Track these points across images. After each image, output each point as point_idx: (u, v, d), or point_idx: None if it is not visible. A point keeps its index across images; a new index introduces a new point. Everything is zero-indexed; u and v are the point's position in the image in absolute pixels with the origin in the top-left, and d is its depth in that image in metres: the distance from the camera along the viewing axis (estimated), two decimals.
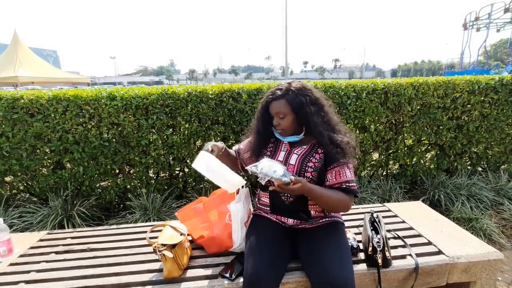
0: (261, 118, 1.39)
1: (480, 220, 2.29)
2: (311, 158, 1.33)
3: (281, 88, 1.32)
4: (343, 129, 1.36)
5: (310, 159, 1.32)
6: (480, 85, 2.74)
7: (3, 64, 8.49)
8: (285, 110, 1.29)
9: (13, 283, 1.30)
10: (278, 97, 1.30)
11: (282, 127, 1.33)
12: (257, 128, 1.43)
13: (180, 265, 1.29)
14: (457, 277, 1.41)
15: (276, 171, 1.15)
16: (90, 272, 1.35)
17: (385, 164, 2.96)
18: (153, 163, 2.53)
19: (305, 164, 1.32)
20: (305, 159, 1.33)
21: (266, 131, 1.42)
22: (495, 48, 49.36)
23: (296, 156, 1.35)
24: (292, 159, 1.35)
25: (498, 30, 23.66)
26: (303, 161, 1.33)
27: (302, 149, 1.36)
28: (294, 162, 1.34)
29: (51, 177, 2.43)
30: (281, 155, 1.39)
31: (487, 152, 3.03)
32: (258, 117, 1.41)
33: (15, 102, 2.26)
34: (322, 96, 1.36)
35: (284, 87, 1.32)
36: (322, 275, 1.14)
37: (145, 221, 2.27)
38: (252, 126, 1.50)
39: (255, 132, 1.44)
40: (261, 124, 1.40)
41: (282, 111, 1.29)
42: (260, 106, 1.39)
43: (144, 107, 2.38)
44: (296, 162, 1.34)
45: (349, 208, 1.29)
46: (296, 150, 1.37)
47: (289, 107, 1.29)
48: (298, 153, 1.36)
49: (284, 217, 1.38)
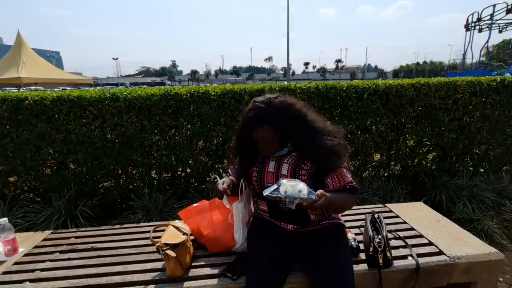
0: (245, 142, 1.31)
1: (481, 221, 2.29)
2: (303, 166, 1.28)
3: (261, 110, 1.22)
4: (330, 128, 1.30)
5: (302, 167, 1.28)
6: (481, 86, 2.74)
7: (6, 65, 8.55)
8: (270, 137, 1.23)
9: (18, 281, 1.32)
10: (260, 123, 1.21)
11: (269, 152, 1.30)
12: (242, 151, 1.37)
13: (183, 264, 1.30)
14: (458, 277, 1.41)
15: (301, 191, 1.07)
16: (94, 271, 1.36)
17: (386, 165, 2.96)
18: (155, 163, 2.55)
19: (297, 173, 1.28)
20: (296, 167, 1.29)
21: (252, 151, 1.35)
22: (498, 49, 49.15)
23: (287, 165, 1.31)
24: (284, 168, 1.31)
25: (501, 31, 23.54)
26: (295, 169, 1.29)
27: (292, 157, 1.32)
28: (286, 172, 1.29)
29: (54, 177, 2.46)
30: (271, 165, 1.34)
31: (488, 153, 3.02)
32: (241, 141, 1.34)
33: (19, 103, 2.29)
34: (303, 105, 1.29)
35: (265, 110, 1.21)
36: (322, 277, 1.15)
37: (148, 221, 2.28)
38: (233, 147, 1.44)
39: (240, 155, 1.39)
40: (245, 147, 1.34)
41: (267, 138, 1.23)
42: (241, 130, 1.30)
43: (147, 108, 2.40)
44: (288, 171, 1.29)
45: (354, 206, 1.35)
46: (286, 159, 1.32)
47: (273, 132, 1.22)
48: (289, 161, 1.31)
49: (284, 223, 1.37)
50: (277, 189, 1.10)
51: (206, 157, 2.67)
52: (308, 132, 1.24)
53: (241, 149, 1.37)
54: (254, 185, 1.41)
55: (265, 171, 1.35)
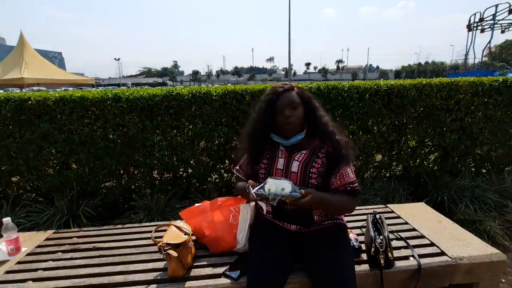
0: (265, 115, 1.30)
1: (483, 222, 2.28)
2: (314, 164, 1.28)
3: (283, 85, 1.33)
4: (337, 130, 1.33)
5: (313, 165, 1.28)
6: (483, 86, 2.73)
7: (10, 66, 8.60)
8: (297, 101, 1.29)
9: (21, 281, 1.32)
10: (288, 89, 1.31)
11: (294, 119, 1.27)
12: (258, 128, 1.34)
13: (185, 264, 1.31)
14: (460, 278, 1.41)
15: (284, 189, 1.11)
16: (96, 271, 1.37)
17: (388, 165, 2.96)
18: (157, 163, 2.56)
19: (308, 171, 1.27)
20: (307, 165, 1.28)
21: (265, 132, 1.34)
22: (500, 49, 48.95)
23: (297, 163, 1.30)
24: (294, 166, 1.30)
25: (503, 31, 23.48)
26: (305, 167, 1.28)
27: (303, 155, 1.31)
28: (297, 170, 1.29)
29: (57, 177, 2.47)
30: (280, 162, 1.33)
31: (491, 153, 3.01)
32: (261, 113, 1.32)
33: (22, 104, 2.30)
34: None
35: (286, 85, 1.33)
36: (323, 277, 1.15)
37: (149, 221, 2.29)
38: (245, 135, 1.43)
39: (255, 133, 1.36)
40: (263, 122, 1.31)
41: (295, 100, 1.28)
42: (264, 103, 1.32)
43: (148, 108, 2.41)
44: (299, 169, 1.29)
45: (354, 209, 1.31)
46: (297, 156, 1.31)
47: (300, 99, 1.30)
48: (299, 159, 1.30)
49: (287, 223, 1.37)
50: (262, 186, 1.15)
51: (207, 158, 2.67)
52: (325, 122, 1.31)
53: (259, 126, 1.33)
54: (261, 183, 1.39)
55: (273, 168, 1.34)
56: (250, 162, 1.44)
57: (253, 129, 1.38)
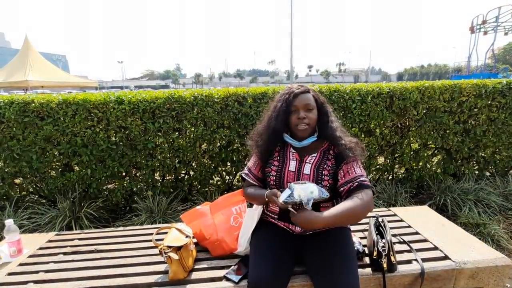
0: (280, 114, 1.29)
1: (488, 225, 2.26)
2: (325, 166, 1.30)
3: (300, 86, 1.33)
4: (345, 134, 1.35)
5: (324, 167, 1.29)
6: (487, 89, 2.72)
7: (14, 68, 8.71)
8: (313, 103, 1.30)
9: (22, 283, 1.32)
10: (304, 91, 1.31)
11: (309, 121, 1.28)
12: (272, 126, 1.32)
13: (186, 267, 1.30)
14: (464, 283, 1.39)
15: (313, 192, 1.11)
16: (97, 273, 1.37)
17: (390, 168, 2.94)
18: (159, 166, 2.57)
19: (320, 173, 1.29)
20: (319, 167, 1.30)
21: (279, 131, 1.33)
22: (504, 51, 48.74)
23: (309, 165, 1.31)
24: (306, 168, 1.31)
25: (506, 33, 23.39)
26: (318, 169, 1.29)
27: (314, 158, 1.33)
28: (309, 172, 1.30)
29: (59, 179, 2.48)
30: (291, 164, 1.34)
31: (494, 156, 2.99)
32: (277, 112, 1.31)
33: (26, 106, 2.32)
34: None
35: (302, 86, 1.33)
36: (327, 281, 1.14)
37: (151, 223, 2.29)
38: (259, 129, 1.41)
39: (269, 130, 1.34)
40: (278, 121, 1.30)
41: (311, 103, 1.29)
42: (280, 102, 1.31)
43: (151, 110, 2.42)
44: (311, 171, 1.29)
45: (371, 205, 1.18)
46: (308, 159, 1.33)
47: (315, 102, 1.31)
48: (311, 162, 1.32)
49: (292, 225, 1.36)
50: (291, 194, 1.12)
51: (209, 160, 2.68)
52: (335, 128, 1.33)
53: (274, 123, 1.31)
54: (271, 185, 1.37)
55: (285, 170, 1.34)
56: (260, 164, 1.43)
57: (267, 127, 1.36)
